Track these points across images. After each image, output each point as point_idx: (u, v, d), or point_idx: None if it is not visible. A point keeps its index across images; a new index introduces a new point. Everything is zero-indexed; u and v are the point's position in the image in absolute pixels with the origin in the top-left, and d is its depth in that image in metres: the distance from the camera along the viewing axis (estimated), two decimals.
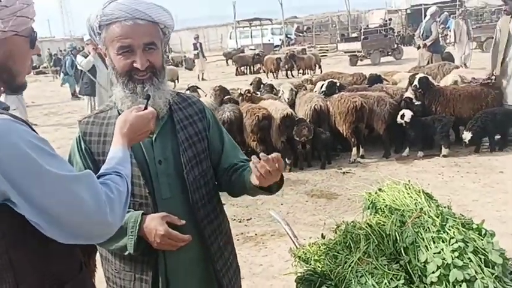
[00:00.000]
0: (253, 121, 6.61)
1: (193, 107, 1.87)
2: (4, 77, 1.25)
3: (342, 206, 5.39)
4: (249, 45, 29.93)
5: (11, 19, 1.20)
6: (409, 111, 6.77)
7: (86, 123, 1.77)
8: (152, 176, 1.72)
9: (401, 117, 6.77)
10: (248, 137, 6.77)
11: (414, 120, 6.76)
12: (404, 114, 6.75)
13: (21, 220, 1.14)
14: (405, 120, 6.73)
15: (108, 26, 1.64)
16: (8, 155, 1.09)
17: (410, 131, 6.86)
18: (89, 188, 1.20)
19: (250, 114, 6.71)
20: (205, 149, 1.84)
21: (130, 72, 1.65)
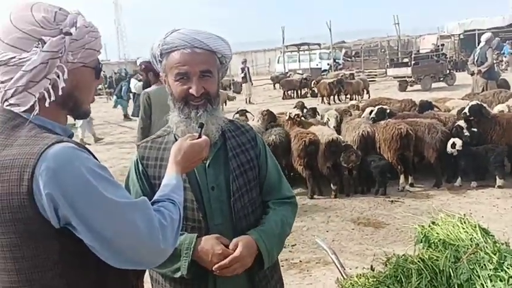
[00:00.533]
0: (300, 146, 6.61)
1: (246, 135, 1.90)
2: (70, 105, 1.32)
3: (390, 236, 5.24)
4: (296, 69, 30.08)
5: (80, 51, 1.27)
6: (459, 140, 6.55)
7: (144, 148, 1.85)
8: (205, 201, 1.75)
9: (452, 146, 6.55)
10: (295, 161, 6.76)
11: (465, 150, 6.53)
12: (455, 143, 6.53)
13: (79, 244, 1.19)
14: (456, 149, 6.50)
15: (169, 54, 1.72)
16: (72, 181, 1.14)
17: (462, 161, 6.62)
18: (143, 214, 1.24)
19: (298, 138, 6.72)
20: (256, 177, 1.87)
21: (186, 98, 1.71)
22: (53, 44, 1.20)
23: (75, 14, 1.28)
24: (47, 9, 1.25)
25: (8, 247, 1.19)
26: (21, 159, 1.15)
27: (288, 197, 1.95)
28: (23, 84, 1.20)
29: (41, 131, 1.21)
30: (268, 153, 1.95)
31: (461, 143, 6.50)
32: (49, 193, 1.13)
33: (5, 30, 1.22)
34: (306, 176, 6.75)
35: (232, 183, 1.77)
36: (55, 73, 1.21)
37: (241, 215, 1.79)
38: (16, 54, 1.20)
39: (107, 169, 1.26)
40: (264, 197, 1.91)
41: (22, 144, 1.18)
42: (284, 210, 1.90)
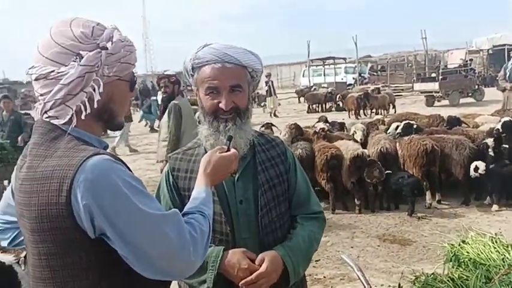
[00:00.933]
0: (322, 160, 6.58)
1: (276, 149, 1.90)
2: (105, 117, 1.35)
3: (417, 253, 5.13)
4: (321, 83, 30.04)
5: (115, 65, 1.30)
6: (482, 163, 6.34)
7: (175, 159, 1.88)
8: (233, 214, 1.77)
9: (475, 170, 6.37)
10: (318, 175, 6.72)
11: (491, 171, 6.33)
12: (478, 167, 6.34)
13: (113, 254, 1.21)
14: (479, 173, 6.32)
15: (200, 68, 1.75)
16: (108, 193, 1.17)
17: (488, 181, 6.43)
18: (175, 226, 1.26)
19: (320, 152, 6.70)
20: (285, 191, 1.86)
21: (216, 112, 1.74)
22: (89, 58, 1.23)
23: (112, 29, 1.32)
24: (85, 24, 1.29)
25: (46, 255, 1.23)
26: (60, 170, 1.18)
27: (316, 212, 1.94)
28: (61, 97, 1.24)
29: (78, 143, 1.25)
30: (298, 167, 1.94)
31: (484, 167, 6.30)
32: (86, 204, 1.16)
33: (45, 45, 1.27)
34: (328, 190, 6.70)
35: (261, 197, 1.77)
36: (91, 86, 1.25)
37: (269, 229, 1.79)
38: (55, 68, 1.24)
39: (141, 181, 1.28)
40: (292, 211, 1.90)
41: (61, 155, 1.21)
42: (312, 225, 1.89)
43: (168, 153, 5.24)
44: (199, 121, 1.88)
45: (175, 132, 5.81)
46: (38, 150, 1.25)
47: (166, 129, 6.00)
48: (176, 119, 5.80)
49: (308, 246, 1.84)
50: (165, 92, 6.17)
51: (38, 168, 1.22)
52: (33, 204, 1.21)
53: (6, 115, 8.57)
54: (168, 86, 6.15)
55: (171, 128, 5.84)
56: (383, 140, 7.15)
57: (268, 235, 1.79)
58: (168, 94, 6.17)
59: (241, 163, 1.79)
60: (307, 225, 1.87)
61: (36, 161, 1.24)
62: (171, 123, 5.85)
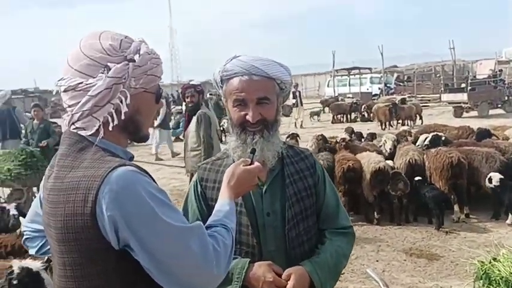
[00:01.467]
0: (339, 172, 6.52)
1: (305, 161, 1.88)
2: (131, 129, 1.36)
3: (445, 269, 5.00)
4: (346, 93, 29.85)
5: (142, 77, 1.31)
6: (497, 174, 6.16)
7: (203, 169, 1.88)
8: (259, 227, 1.75)
9: (489, 181, 6.18)
10: (336, 187, 6.62)
11: (506, 183, 6.13)
12: (492, 177, 6.15)
13: (136, 265, 1.21)
14: (494, 185, 6.13)
15: (228, 80, 1.76)
16: (132, 204, 1.17)
17: (503, 195, 6.21)
18: (199, 240, 1.25)
19: (339, 164, 6.65)
20: (313, 204, 1.84)
21: (244, 124, 1.74)
22: (117, 70, 1.25)
23: (139, 42, 1.34)
24: (113, 37, 1.31)
25: (70, 266, 1.24)
26: (86, 181, 1.19)
27: (345, 226, 1.90)
28: (89, 109, 1.25)
29: (104, 154, 1.25)
30: (327, 181, 1.92)
31: (498, 179, 6.11)
32: (111, 215, 1.16)
33: (75, 57, 1.29)
34: (344, 203, 6.58)
35: (288, 210, 1.76)
36: (118, 98, 1.26)
37: (296, 243, 1.77)
38: (83, 79, 1.26)
39: (165, 193, 1.28)
40: (320, 225, 1.88)
41: (87, 166, 1.22)
42: (340, 240, 1.86)
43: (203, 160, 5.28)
44: (226, 131, 1.89)
45: (208, 139, 5.87)
46: (65, 161, 1.27)
47: (195, 139, 6.02)
48: (207, 127, 5.84)
49: (336, 263, 1.81)
50: (191, 101, 6.21)
51: (64, 178, 1.24)
52: (59, 215, 1.22)
53: (37, 123, 8.76)
54: (194, 96, 6.20)
55: (203, 137, 5.90)
56: (411, 151, 7.05)
57: (295, 249, 1.77)
58: (194, 103, 6.22)
59: (270, 175, 1.79)
60: (335, 241, 1.84)
61: (63, 172, 1.25)
62: (202, 132, 5.91)
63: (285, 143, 1.92)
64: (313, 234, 1.84)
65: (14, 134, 9.43)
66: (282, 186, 1.79)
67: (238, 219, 1.74)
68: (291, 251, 1.75)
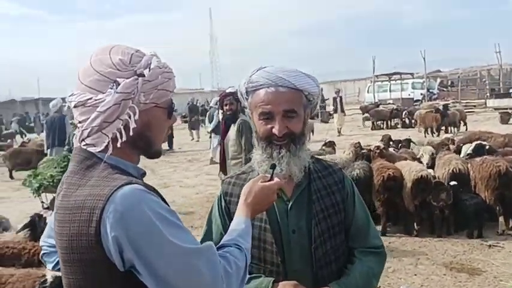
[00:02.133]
0: (379, 180, 6.31)
1: (333, 176, 1.80)
2: (141, 145, 1.32)
3: (487, 285, 4.74)
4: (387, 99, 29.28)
5: (152, 92, 1.27)
6: None
7: (227, 183, 1.84)
8: (284, 244, 1.69)
9: None
10: (374, 196, 6.46)
11: None
12: None
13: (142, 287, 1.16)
14: None
15: (254, 92, 1.71)
16: (137, 225, 1.13)
17: None
18: (208, 262, 1.20)
19: (378, 172, 6.44)
20: (341, 222, 1.76)
21: (270, 138, 1.68)
22: (126, 85, 1.21)
23: (150, 56, 1.30)
24: (124, 51, 1.27)
25: (75, 287, 1.21)
26: (91, 200, 1.16)
27: (376, 246, 1.81)
28: (98, 125, 1.22)
29: (112, 171, 1.22)
30: (357, 196, 1.83)
31: None
32: (115, 236, 1.12)
33: (85, 73, 1.26)
34: (381, 213, 6.43)
35: (314, 227, 1.68)
36: (127, 114, 1.22)
37: (323, 262, 1.69)
38: (93, 95, 1.23)
39: (175, 213, 1.23)
40: (350, 243, 1.79)
41: (94, 185, 1.19)
42: (371, 261, 1.77)
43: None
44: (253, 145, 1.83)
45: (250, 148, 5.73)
46: (73, 178, 1.24)
47: (235, 147, 5.95)
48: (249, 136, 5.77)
49: (366, 285, 1.73)
50: (230, 109, 6.11)
51: (71, 197, 1.21)
52: (65, 234, 1.20)
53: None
54: (233, 103, 6.09)
55: (245, 145, 5.80)
56: (454, 160, 6.77)
57: (322, 268, 1.69)
58: (232, 111, 6.13)
59: (296, 190, 1.73)
60: (365, 261, 1.75)
61: (70, 190, 1.23)
62: (244, 140, 5.82)
63: (313, 157, 1.84)
64: (341, 253, 1.75)
65: (61, 142, 9.71)
66: (309, 202, 1.72)
67: (262, 236, 1.70)
68: (317, 271, 1.68)
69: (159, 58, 1.33)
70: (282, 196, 1.72)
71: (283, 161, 1.65)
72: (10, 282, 2.95)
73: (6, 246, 3.84)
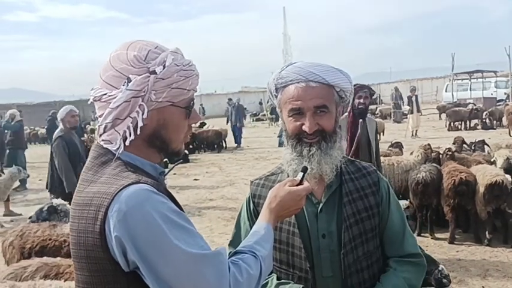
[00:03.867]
0: (449, 184, 5.94)
1: (367, 178, 1.70)
2: (157, 144, 1.29)
3: None
4: (466, 98, 27.63)
5: (165, 90, 1.23)
6: None
7: (256, 185, 1.79)
8: (314, 249, 1.62)
9: None
10: (443, 201, 6.10)
11: None
12: None
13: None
14: None
15: (283, 88, 1.64)
16: (141, 225, 1.10)
17: None
18: (215, 268, 1.15)
19: (449, 176, 6.06)
20: (375, 227, 1.66)
21: (299, 135, 1.61)
22: (137, 82, 1.20)
23: (168, 53, 1.26)
24: (142, 47, 1.25)
25: (82, 284, 1.22)
26: (98, 198, 1.15)
27: (412, 254, 1.68)
28: (111, 121, 1.22)
29: (125, 169, 1.20)
30: (393, 201, 1.72)
31: None
32: (117, 236, 1.11)
33: (105, 68, 1.26)
34: (449, 219, 6.05)
35: (345, 232, 1.59)
36: (137, 112, 1.21)
37: (353, 269, 1.60)
38: (108, 91, 1.23)
39: (183, 215, 1.19)
40: (385, 251, 1.69)
41: (103, 182, 1.18)
42: (407, 271, 1.65)
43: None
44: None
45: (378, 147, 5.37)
46: (87, 174, 1.25)
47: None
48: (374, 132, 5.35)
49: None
50: (364, 103, 5.72)
51: (82, 193, 1.21)
52: (74, 230, 1.21)
53: None
54: (367, 97, 5.61)
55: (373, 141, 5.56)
56: None
57: (353, 276, 1.60)
58: (365, 105, 5.64)
59: (326, 192, 1.65)
60: (401, 271, 1.64)
61: (82, 186, 1.23)
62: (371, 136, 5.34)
63: (345, 157, 1.75)
64: (374, 260, 1.65)
65: None
66: (340, 205, 1.63)
67: (290, 240, 1.64)
68: (347, 279, 1.59)
69: (179, 54, 1.29)
70: (312, 199, 1.65)
71: (313, 159, 1.57)
72: (67, 273, 3.10)
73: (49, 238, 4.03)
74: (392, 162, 6.87)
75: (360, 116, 5.04)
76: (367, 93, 5.08)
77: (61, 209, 5.34)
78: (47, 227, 4.19)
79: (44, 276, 3.10)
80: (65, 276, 3.09)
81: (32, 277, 3.11)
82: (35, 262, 3.29)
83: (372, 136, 5.12)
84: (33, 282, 2.94)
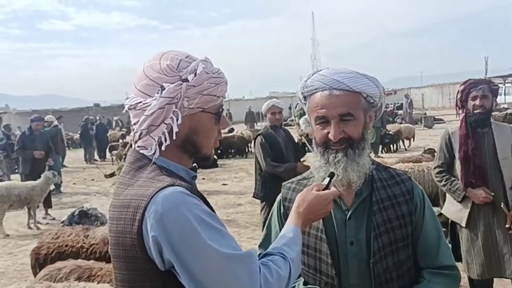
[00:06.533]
0: None
1: (400, 185, 1.68)
2: (189, 149, 1.35)
3: None
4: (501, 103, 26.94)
5: (197, 97, 1.29)
6: None
7: (287, 189, 1.81)
8: (341, 256, 1.61)
9: None
10: None
11: None
12: None
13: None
14: None
15: (310, 96, 1.66)
16: (176, 226, 1.15)
17: None
18: (247, 269, 1.19)
19: None
20: (407, 236, 1.63)
21: (326, 143, 1.62)
22: (170, 90, 1.25)
23: (198, 61, 1.32)
24: (174, 57, 1.31)
25: (121, 282, 1.27)
26: (136, 200, 1.20)
27: (447, 266, 1.65)
28: (146, 128, 1.28)
29: (160, 173, 1.25)
30: (428, 209, 1.69)
31: None
32: (154, 236, 1.15)
33: (139, 77, 1.33)
34: None
35: (374, 241, 1.58)
36: (171, 118, 1.26)
37: (383, 279, 1.58)
38: (142, 99, 1.29)
39: (216, 217, 1.24)
40: (418, 262, 1.66)
41: (140, 185, 1.24)
42: (441, 283, 1.62)
43: None
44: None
45: None
46: (124, 178, 1.31)
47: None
48: None
49: None
50: (481, 105, 5.56)
51: (120, 196, 1.27)
52: (113, 231, 1.26)
53: None
54: (487, 96, 5.56)
55: None
56: None
57: (382, 286, 1.58)
58: (486, 109, 5.50)
59: (356, 199, 1.64)
60: (434, 283, 1.61)
61: (120, 189, 1.29)
62: None
63: (379, 165, 1.74)
64: (405, 271, 1.62)
65: None
66: (369, 213, 1.62)
67: (318, 246, 1.65)
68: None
69: (209, 63, 1.35)
70: (341, 205, 1.65)
71: (339, 166, 1.57)
72: (99, 275, 3.19)
73: (66, 244, 4.15)
74: (423, 169, 6.78)
75: (477, 124, 3.51)
76: (486, 90, 3.53)
77: (91, 213, 5.50)
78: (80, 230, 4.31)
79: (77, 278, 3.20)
80: (97, 279, 3.19)
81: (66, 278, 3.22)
82: (69, 264, 3.41)
83: (506, 152, 3.48)
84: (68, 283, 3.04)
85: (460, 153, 3.53)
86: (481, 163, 3.46)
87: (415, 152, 11.71)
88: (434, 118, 24.49)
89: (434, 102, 39.47)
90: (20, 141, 9.69)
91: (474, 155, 3.45)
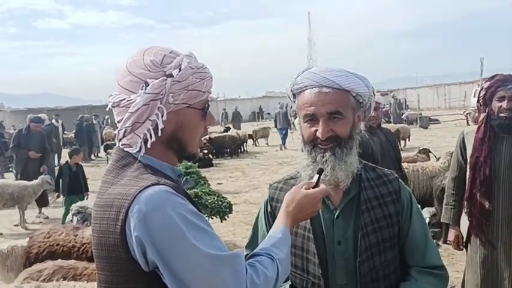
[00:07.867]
0: None
1: (388, 186, 1.67)
2: (175, 146, 1.32)
3: None
4: None
5: (182, 93, 1.26)
6: None
7: (274, 188, 1.79)
8: (328, 256, 1.60)
9: None
10: None
11: None
12: None
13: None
14: None
15: (299, 94, 1.64)
16: (161, 226, 1.12)
17: None
18: (232, 270, 1.16)
19: None
20: (394, 236, 1.63)
21: (314, 141, 1.60)
22: (154, 86, 1.22)
23: (182, 56, 1.29)
24: (157, 52, 1.28)
25: (104, 283, 1.24)
26: (119, 199, 1.17)
27: (434, 266, 1.64)
28: (130, 125, 1.25)
29: (145, 171, 1.23)
30: (415, 210, 1.68)
31: None
32: (137, 236, 1.13)
33: (122, 74, 1.29)
34: None
35: (361, 240, 1.57)
36: (156, 114, 1.23)
37: (369, 279, 1.57)
38: (126, 96, 1.26)
39: (202, 217, 1.21)
40: (406, 261, 1.66)
41: (124, 184, 1.21)
42: (428, 282, 1.61)
43: None
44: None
45: None
46: (108, 177, 1.27)
47: None
48: None
49: None
50: (509, 108, 5.51)
51: (104, 195, 1.24)
52: (96, 231, 1.23)
53: None
54: None
55: None
56: None
57: (368, 285, 1.57)
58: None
59: (344, 199, 1.62)
60: (421, 282, 1.60)
61: (104, 188, 1.26)
62: None
63: (366, 164, 1.73)
64: (392, 271, 1.62)
65: None
66: (357, 213, 1.61)
67: (305, 245, 1.63)
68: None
69: (193, 58, 1.32)
70: (329, 204, 1.64)
71: (327, 166, 1.56)
72: (86, 274, 3.15)
73: (57, 244, 4.10)
74: (417, 168, 6.76)
75: (502, 130, 3.01)
76: None
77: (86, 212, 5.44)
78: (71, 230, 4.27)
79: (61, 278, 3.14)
80: (83, 278, 3.14)
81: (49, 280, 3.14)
82: (49, 265, 3.34)
83: None
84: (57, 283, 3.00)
85: (472, 158, 3.08)
86: (489, 173, 2.97)
87: (410, 152, 11.71)
88: (430, 118, 24.54)
89: (429, 102, 39.57)
90: (16, 139, 9.58)
91: (486, 163, 2.98)
